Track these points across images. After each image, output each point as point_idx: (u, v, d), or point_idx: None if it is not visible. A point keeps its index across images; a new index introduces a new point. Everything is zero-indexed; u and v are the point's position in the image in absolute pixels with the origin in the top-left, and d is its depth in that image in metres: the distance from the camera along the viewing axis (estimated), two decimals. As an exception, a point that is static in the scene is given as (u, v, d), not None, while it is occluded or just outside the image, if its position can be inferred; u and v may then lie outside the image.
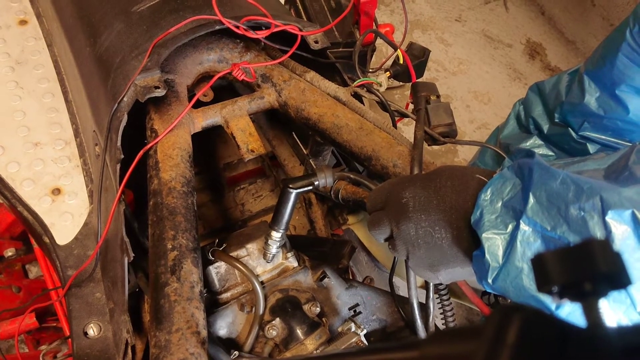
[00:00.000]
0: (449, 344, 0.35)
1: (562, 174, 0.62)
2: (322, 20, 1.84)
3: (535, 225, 0.61)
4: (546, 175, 0.63)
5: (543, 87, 2.01)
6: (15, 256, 1.74)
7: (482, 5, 4.31)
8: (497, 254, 0.64)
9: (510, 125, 2.12)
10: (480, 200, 0.67)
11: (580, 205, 0.59)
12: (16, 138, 1.25)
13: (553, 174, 0.62)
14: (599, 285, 0.33)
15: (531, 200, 0.62)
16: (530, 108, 2.03)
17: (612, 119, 1.74)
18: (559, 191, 0.61)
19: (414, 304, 0.91)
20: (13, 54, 1.41)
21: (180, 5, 1.11)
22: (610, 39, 1.50)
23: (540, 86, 2.04)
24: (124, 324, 0.93)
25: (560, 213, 0.60)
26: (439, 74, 3.75)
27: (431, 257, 0.75)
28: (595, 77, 1.66)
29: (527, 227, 0.62)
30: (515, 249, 0.62)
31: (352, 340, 0.97)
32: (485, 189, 0.67)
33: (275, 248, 1.03)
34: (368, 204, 0.86)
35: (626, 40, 1.38)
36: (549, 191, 0.62)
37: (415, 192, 0.75)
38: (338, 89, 1.14)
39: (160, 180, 0.95)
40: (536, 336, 0.29)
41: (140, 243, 1.07)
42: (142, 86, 0.97)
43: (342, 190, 1.28)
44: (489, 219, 0.65)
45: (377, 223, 0.79)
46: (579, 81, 1.68)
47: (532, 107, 2.01)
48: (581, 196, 0.59)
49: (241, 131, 1.10)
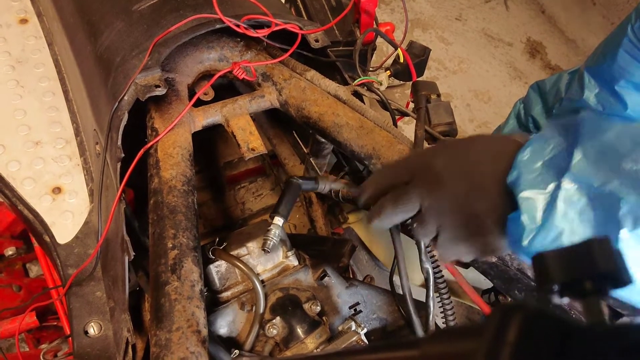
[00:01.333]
0: (450, 343, 0.35)
1: (617, 126, 0.58)
2: (323, 18, 1.84)
3: (580, 182, 0.57)
4: (598, 129, 0.58)
5: (543, 86, 2.01)
6: (16, 255, 1.73)
7: (482, 4, 4.31)
8: (535, 214, 0.59)
9: (510, 124, 2.13)
10: (517, 160, 0.62)
11: (636, 158, 0.54)
12: (17, 137, 1.25)
13: (606, 127, 0.58)
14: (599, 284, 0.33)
15: (577, 157, 0.57)
16: (530, 106, 2.04)
17: (610, 114, 1.77)
18: (612, 144, 0.56)
19: (407, 298, 0.90)
20: (13, 52, 1.41)
21: (180, 4, 1.11)
22: (612, 35, 1.51)
23: (541, 84, 2.03)
24: (124, 322, 0.93)
25: (612, 168, 0.55)
26: (439, 73, 3.75)
27: (467, 229, 0.69)
28: (595, 73, 1.66)
29: (572, 184, 0.57)
30: (555, 209, 0.57)
31: (353, 339, 0.97)
32: (524, 148, 0.63)
33: (277, 236, 1.00)
34: (379, 182, 0.79)
35: (627, 36, 1.38)
36: (599, 145, 0.57)
37: (448, 160, 0.70)
38: (338, 87, 1.14)
39: (160, 179, 0.95)
40: (537, 335, 0.29)
41: (141, 242, 1.07)
42: (142, 85, 0.97)
43: (342, 189, 1.27)
44: (527, 178, 0.60)
45: (402, 199, 0.72)
46: (579, 78, 1.69)
47: (532, 105, 2.02)
48: (637, 148, 0.55)
49: (241, 130, 1.10)
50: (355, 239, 1.59)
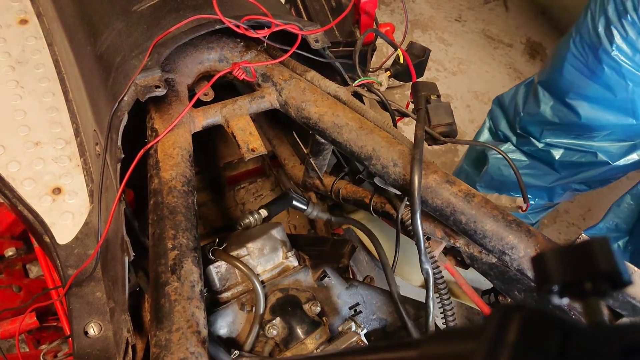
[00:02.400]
0: (449, 343, 0.35)
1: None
2: (323, 19, 1.84)
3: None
4: None
5: (503, 100, 2.11)
6: (16, 256, 1.74)
7: (482, 5, 4.31)
8: None
9: (484, 135, 2.32)
10: None
11: None
12: (17, 137, 1.25)
13: None
14: (599, 284, 0.33)
15: None
16: (496, 121, 2.16)
17: (567, 124, 1.83)
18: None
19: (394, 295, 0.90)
20: (13, 53, 1.41)
21: (180, 5, 1.11)
22: (557, 49, 1.59)
23: (501, 99, 2.14)
24: (124, 323, 0.93)
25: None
26: (439, 74, 3.75)
27: None
28: (547, 86, 1.73)
29: None
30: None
31: (353, 340, 0.97)
32: None
33: (256, 220, 1.17)
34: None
35: (570, 50, 1.45)
36: None
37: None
38: (338, 88, 1.14)
39: (160, 180, 0.95)
40: (536, 335, 0.29)
41: (141, 242, 1.07)
42: (142, 85, 0.97)
43: (342, 189, 1.28)
44: None
45: None
46: (534, 92, 1.80)
47: (498, 120, 2.13)
48: None
49: (241, 130, 1.10)
50: (355, 239, 1.59)
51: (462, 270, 1.08)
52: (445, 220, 0.97)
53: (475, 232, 0.91)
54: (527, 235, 0.89)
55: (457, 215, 0.93)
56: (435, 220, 1.06)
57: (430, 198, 0.96)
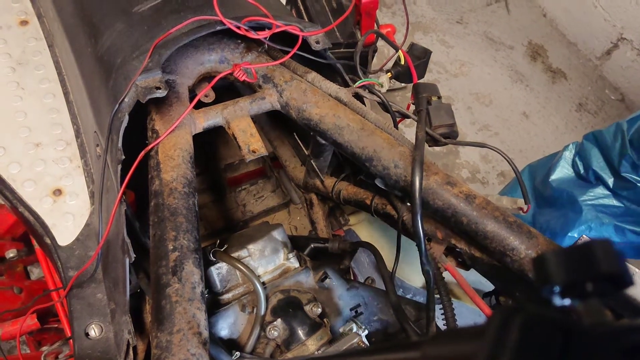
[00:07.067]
0: (451, 345, 0.35)
1: None
2: (324, 20, 1.84)
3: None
4: None
5: (602, 137, 1.91)
6: (17, 257, 1.74)
7: (483, 7, 4.31)
8: None
9: (562, 169, 2.07)
10: None
11: None
12: (17, 139, 1.25)
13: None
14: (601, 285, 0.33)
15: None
16: (588, 159, 1.96)
17: None
18: None
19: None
20: (14, 54, 1.41)
21: (181, 6, 1.11)
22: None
23: (598, 136, 1.93)
24: (125, 324, 0.93)
25: None
26: (440, 76, 3.75)
27: None
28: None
29: None
30: None
31: (354, 341, 0.96)
32: None
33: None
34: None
35: None
36: None
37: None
38: (339, 89, 1.14)
39: (161, 181, 0.95)
40: (538, 337, 0.29)
41: (142, 244, 1.07)
42: (143, 87, 0.97)
43: (343, 190, 1.27)
44: None
45: None
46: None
47: (591, 158, 1.94)
48: None
49: (242, 132, 1.10)
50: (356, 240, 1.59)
51: (463, 272, 1.08)
52: (446, 221, 0.97)
53: (476, 233, 0.91)
54: (528, 236, 0.89)
55: (458, 217, 0.93)
56: (436, 221, 1.05)
57: (431, 199, 0.95)
